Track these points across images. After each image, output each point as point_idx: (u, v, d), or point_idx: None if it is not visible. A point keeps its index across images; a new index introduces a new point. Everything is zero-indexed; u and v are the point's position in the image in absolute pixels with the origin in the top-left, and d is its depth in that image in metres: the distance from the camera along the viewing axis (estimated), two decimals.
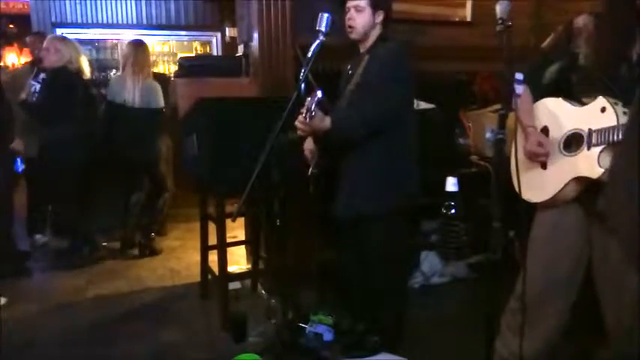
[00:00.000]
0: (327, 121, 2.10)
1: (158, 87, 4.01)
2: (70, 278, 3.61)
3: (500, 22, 1.45)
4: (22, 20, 6.59)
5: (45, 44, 3.79)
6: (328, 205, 2.39)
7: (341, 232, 2.49)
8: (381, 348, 2.37)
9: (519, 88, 1.67)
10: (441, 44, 3.57)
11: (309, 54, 2.00)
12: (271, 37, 3.13)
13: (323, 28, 2.01)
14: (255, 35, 3.24)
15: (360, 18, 2.25)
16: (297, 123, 2.12)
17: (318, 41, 2.00)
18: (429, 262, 3.39)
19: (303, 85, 1.98)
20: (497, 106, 3.22)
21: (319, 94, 2.04)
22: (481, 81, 3.64)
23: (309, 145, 2.41)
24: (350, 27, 2.26)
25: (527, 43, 3.67)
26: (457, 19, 3.72)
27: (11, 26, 7.81)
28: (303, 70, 1.99)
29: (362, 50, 2.34)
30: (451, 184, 3.33)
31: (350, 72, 2.38)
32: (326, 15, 2.04)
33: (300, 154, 2.42)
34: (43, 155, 3.76)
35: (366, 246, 2.37)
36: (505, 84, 1.52)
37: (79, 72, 3.78)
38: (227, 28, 6.03)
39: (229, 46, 5.99)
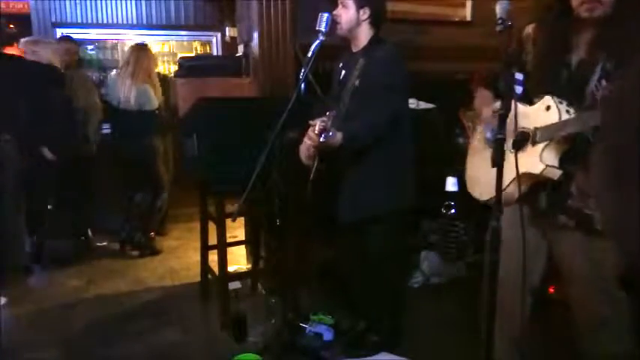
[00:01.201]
0: (338, 137, 2.11)
1: (150, 90, 4.03)
2: (70, 278, 3.62)
3: (500, 22, 1.45)
4: (22, 20, 6.58)
5: (21, 47, 3.84)
6: (328, 205, 2.40)
7: (341, 233, 2.50)
8: (380, 348, 2.37)
9: (519, 89, 1.69)
10: (441, 44, 3.57)
11: (310, 54, 2.01)
12: (271, 37, 3.13)
13: (323, 28, 2.02)
14: (255, 35, 3.24)
15: (345, 13, 2.26)
16: (310, 137, 2.14)
17: (318, 41, 2.01)
18: (429, 261, 3.39)
19: (303, 85, 1.99)
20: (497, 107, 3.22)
21: (334, 114, 2.07)
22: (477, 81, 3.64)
23: (305, 147, 2.40)
24: (337, 23, 2.27)
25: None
26: (457, 19, 3.72)
27: (11, 26, 7.81)
28: (303, 70, 1.99)
29: (354, 49, 2.34)
30: (451, 184, 3.34)
31: (343, 72, 2.37)
32: (326, 15, 2.04)
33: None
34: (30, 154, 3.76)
35: (366, 247, 2.38)
36: (504, 84, 1.53)
37: None
38: (227, 28, 6.02)
39: (229, 46, 5.98)
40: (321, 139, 2.05)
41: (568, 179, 1.59)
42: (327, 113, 2.13)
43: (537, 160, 1.58)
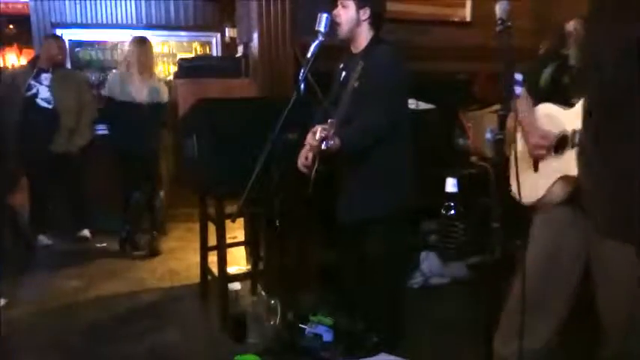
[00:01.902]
0: (337, 142, 2.10)
1: (163, 84, 4.04)
2: (70, 279, 3.61)
3: (499, 22, 1.45)
4: (22, 21, 6.58)
5: None
6: (328, 205, 2.39)
7: (341, 234, 2.49)
8: (380, 348, 2.37)
9: (519, 89, 1.69)
10: (441, 44, 3.57)
11: (309, 54, 2.00)
12: (271, 37, 3.13)
13: (322, 29, 2.02)
14: (255, 36, 3.24)
15: (345, 14, 2.24)
16: (309, 147, 2.14)
17: (317, 41, 2.01)
18: (429, 262, 3.38)
19: (302, 86, 1.99)
20: (497, 107, 3.22)
21: (335, 121, 2.07)
22: (483, 81, 3.64)
23: (304, 154, 2.38)
24: (337, 24, 2.25)
25: (527, 43, 3.67)
26: (457, 19, 3.72)
27: (11, 27, 7.81)
28: (302, 71, 1.99)
29: (354, 51, 2.33)
30: (451, 185, 3.33)
31: (344, 73, 2.36)
32: (325, 15, 2.04)
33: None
34: None
35: (366, 248, 2.37)
36: (504, 85, 1.52)
37: None
38: (227, 29, 6.02)
39: (229, 46, 5.98)
40: (323, 147, 2.04)
41: None
42: (329, 120, 2.11)
43: (574, 162, 1.54)
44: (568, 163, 1.61)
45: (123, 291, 3.42)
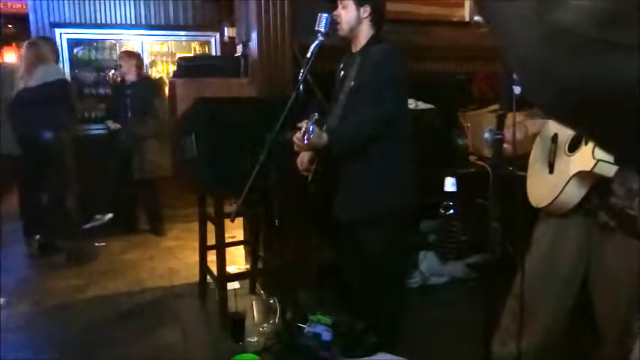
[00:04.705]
0: (324, 137, 2.10)
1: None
2: (69, 278, 3.61)
3: None
4: (21, 20, 6.58)
5: None
6: (327, 205, 2.39)
7: (340, 233, 2.49)
8: (379, 348, 2.37)
9: (517, 89, 1.69)
10: (440, 44, 3.57)
11: (308, 54, 2.00)
12: (270, 37, 3.13)
13: (322, 29, 2.02)
14: (254, 35, 3.24)
15: (345, 14, 2.24)
16: (295, 140, 2.14)
17: (317, 41, 2.01)
18: (428, 262, 3.39)
19: (302, 86, 1.99)
20: (496, 107, 3.22)
21: (316, 115, 2.07)
22: (479, 81, 3.64)
23: (303, 157, 2.39)
24: (337, 23, 2.25)
25: None
26: (455, 20, 3.72)
27: (10, 26, 7.81)
28: (302, 71, 1.99)
29: (354, 50, 2.33)
30: (450, 185, 3.33)
31: (343, 73, 2.37)
32: (325, 15, 2.04)
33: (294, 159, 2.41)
34: None
35: (365, 247, 2.37)
36: (503, 85, 1.53)
37: None
38: (226, 28, 6.01)
39: (228, 46, 5.98)
40: (305, 142, 2.04)
41: (615, 176, 1.54)
42: (310, 115, 2.11)
43: (590, 156, 1.53)
44: (581, 159, 1.59)
45: (122, 290, 3.42)
